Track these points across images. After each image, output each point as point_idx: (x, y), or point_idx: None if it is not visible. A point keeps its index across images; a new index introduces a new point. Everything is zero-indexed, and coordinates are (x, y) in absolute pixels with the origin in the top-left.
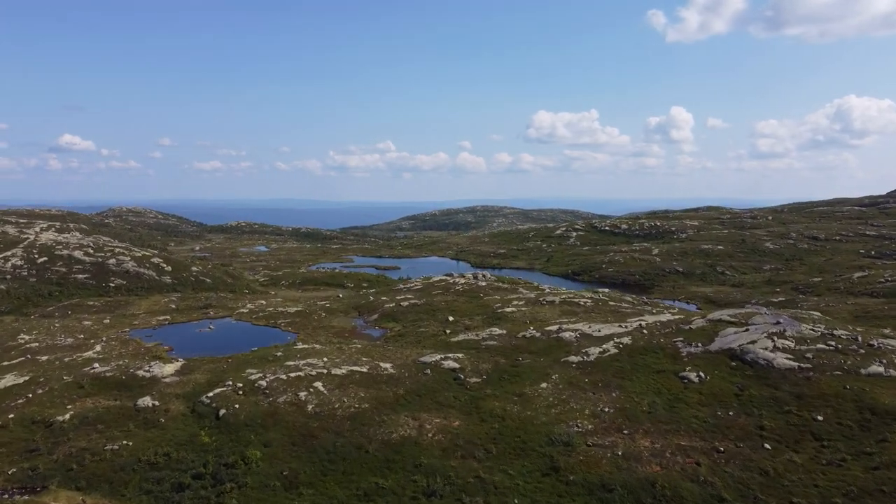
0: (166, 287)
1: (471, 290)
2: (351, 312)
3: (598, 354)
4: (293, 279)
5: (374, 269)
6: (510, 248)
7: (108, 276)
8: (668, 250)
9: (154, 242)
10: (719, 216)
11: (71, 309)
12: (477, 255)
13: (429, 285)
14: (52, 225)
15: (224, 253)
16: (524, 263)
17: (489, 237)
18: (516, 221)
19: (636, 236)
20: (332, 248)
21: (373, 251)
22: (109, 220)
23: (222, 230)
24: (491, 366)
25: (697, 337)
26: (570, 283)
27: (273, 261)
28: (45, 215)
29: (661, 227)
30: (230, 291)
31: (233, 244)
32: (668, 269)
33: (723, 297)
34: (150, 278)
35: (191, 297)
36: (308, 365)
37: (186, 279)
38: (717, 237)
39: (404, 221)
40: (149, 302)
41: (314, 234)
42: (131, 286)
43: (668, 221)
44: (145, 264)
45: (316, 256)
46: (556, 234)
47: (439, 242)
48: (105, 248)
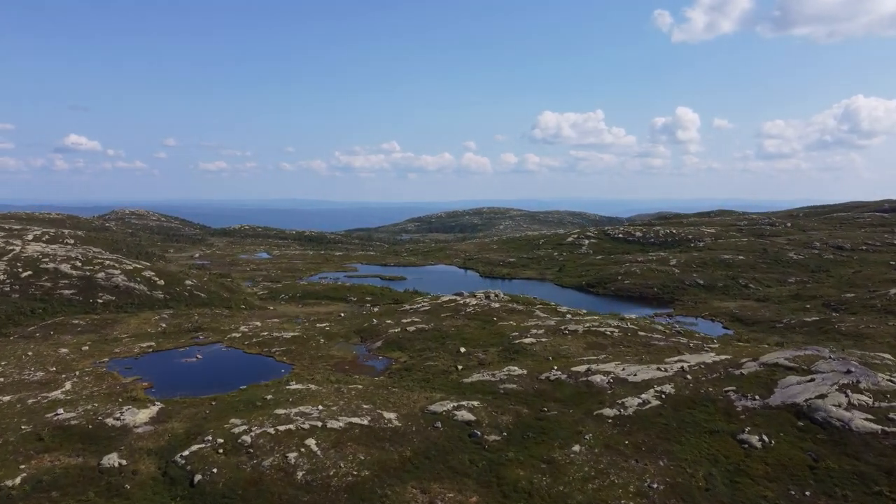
0: (158, 303)
1: (483, 313)
2: (352, 338)
3: (638, 407)
4: (293, 292)
5: (379, 280)
6: (520, 256)
7: (96, 291)
8: (686, 260)
9: (153, 248)
10: (736, 222)
11: (53, 328)
12: (485, 264)
13: (437, 306)
14: (45, 232)
15: (224, 260)
16: (535, 273)
17: (497, 244)
18: (523, 224)
19: (651, 244)
20: (335, 256)
21: (377, 258)
22: (110, 223)
23: (225, 233)
24: (512, 418)
25: (752, 386)
26: (585, 297)
27: (274, 269)
28: (43, 219)
29: (676, 234)
30: (226, 307)
31: (234, 250)
32: (687, 281)
33: (750, 315)
34: (141, 293)
35: (183, 315)
36: (300, 415)
37: (180, 294)
38: (737, 246)
39: (410, 223)
40: (138, 320)
41: (318, 238)
42: (120, 302)
43: (683, 228)
44: (136, 278)
45: (318, 264)
46: (567, 242)
47: (446, 249)
48: (94, 261)
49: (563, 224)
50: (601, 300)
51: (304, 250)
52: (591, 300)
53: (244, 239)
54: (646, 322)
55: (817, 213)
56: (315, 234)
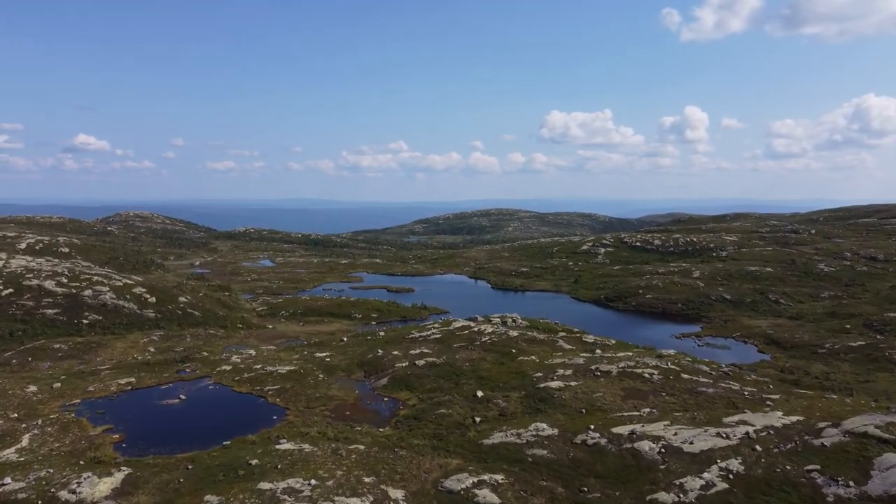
0: (148, 323)
1: (500, 344)
2: (355, 371)
3: (700, 491)
4: (294, 308)
5: (385, 292)
6: (533, 265)
7: (81, 310)
8: (710, 272)
9: (153, 255)
10: (757, 229)
11: (32, 353)
12: (497, 274)
13: (449, 334)
14: (40, 240)
15: (225, 269)
16: (550, 285)
17: (509, 251)
18: (532, 226)
19: (671, 253)
20: (340, 265)
21: (384, 267)
22: (113, 227)
23: (230, 237)
24: (544, 501)
25: (841, 466)
26: (604, 312)
27: (276, 279)
28: (43, 223)
29: (697, 243)
30: (221, 326)
31: (236, 256)
32: (713, 296)
33: (786, 337)
34: (131, 312)
35: (174, 336)
36: (289, 492)
37: (172, 312)
38: (762, 256)
39: (417, 225)
40: (125, 343)
41: (324, 242)
42: (108, 322)
43: (702, 235)
44: (126, 296)
45: (322, 274)
46: (582, 250)
47: (455, 256)
48: (81, 277)
49: (572, 226)
50: (622, 316)
51: (308, 257)
52: (611, 316)
53: (249, 242)
54: (688, 361)
55: (839, 218)
56: (321, 237)
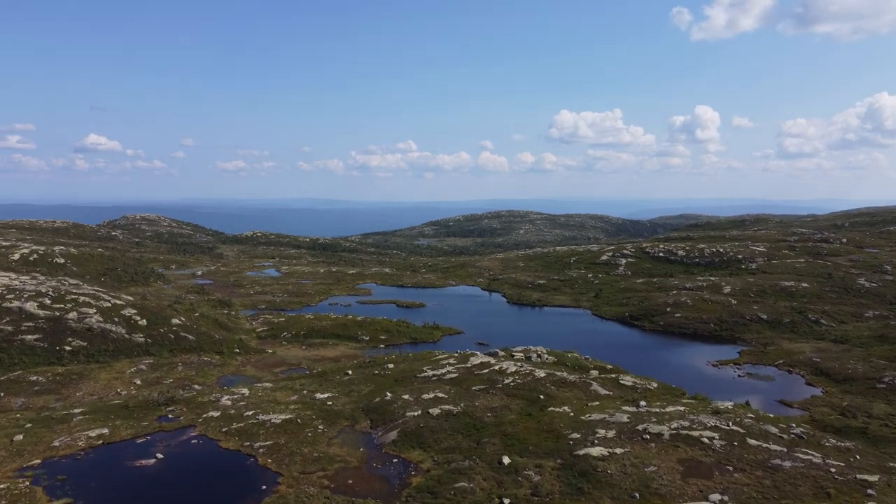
0: (137, 349)
1: (526, 388)
2: (360, 420)
3: None
4: (297, 329)
5: (395, 307)
6: (550, 277)
7: (64, 336)
8: (742, 288)
9: (154, 264)
10: (785, 237)
11: (5, 388)
12: (513, 286)
13: (466, 373)
14: (34, 251)
15: (228, 280)
16: (569, 299)
17: (524, 260)
18: (544, 228)
19: (696, 265)
20: (347, 275)
21: (393, 277)
22: (117, 231)
23: (237, 241)
24: None
25: None
26: (630, 332)
27: (280, 293)
28: (45, 229)
29: (724, 253)
30: (217, 352)
31: (241, 266)
32: (748, 315)
33: (835, 367)
34: (118, 338)
35: (164, 364)
36: None
37: (164, 337)
38: (795, 269)
39: (427, 227)
40: (109, 374)
41: (332, 247)
42: (93, 349)
43: (728, 244)
44: (114, 318)
45: (329, 286)
46: (601, 261)
47: (467, 266)
48: (66, 298)
49: (584, 228)
50: (650, 338)
51: (315, 265)
52: (638, 338)
53: (256, 247)
54: (751, 420)
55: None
56: (329, 241)
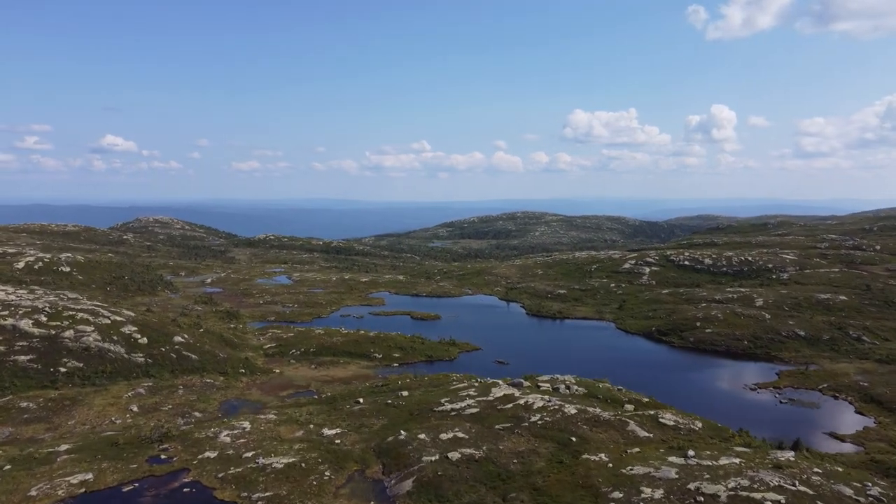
0: (137, 369)
1: (555, 428)
2: (371, 464)
3: None
4: (307, 346)
5: (409, 319)
6: (570, 286)
7: (59, 356)
8: (775, 300)
9: (164, 270)
10: (815, 245)
11: None
12: (531, 296)
13: (488, 407)
14: (40, 258)
15: (237, 288)
16: (591, 311)
17: (542, 267)
18: (560, 230)
19: (723, 273)
20: (360, 283)
21: (408, 285)
22: (129, 235)
23: (249, 244)
24: None
25: None
26: (658, 349)
27: (291, 302)
28: (56, 233)
29: (753, 262)
30: (220, 372)
31: (252, 272)
32: (784, 331)
33: (887, 393)
34: (117, 357)
35: (165, 387)
36: None
37: (165, 356)
38: (830, 280)
39: (441, 229)
40: (104, 399)
41: (345, 250)
42: (89, 371)
43: (755, 251)
44: (112, 337)
45: (341, 295)
46: (623, 269)
47: (484, 273)
48: (63, 314)
49: (601, 230)
50: (680, 356)
51: (327, 271)
52: (667, 356)
53: (268, 251)
54: (819, 478)
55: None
56: (342, 244)
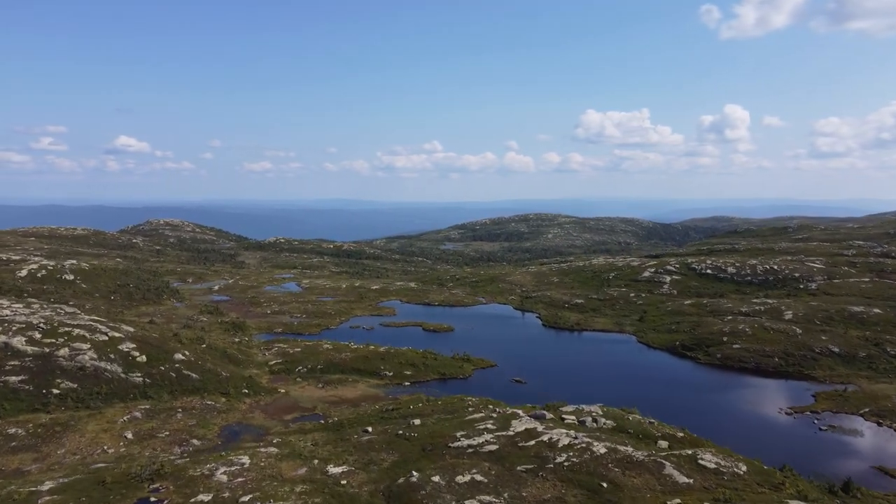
0: (134, 390)
1: (584, 471)
2: None
3: None
4: (314, 362)
5: (421, 331)
6: (587, 294)
7: (53, 377)
8: (805, 313)
9: (170, 276)
10: (842, 252)
11: None
12: (548, 305)
13: (508, 444)
14: (43, 266)
15: (245, 296)
16: (611, 322)
17: (558, 275)
18: (573, 232)
19: (748, 283)
20: (371, 291)
21: (419, 293)
22: (138, 238)
23: (260, 247)
24: None
25: None
26: (682, 365)
27: (299, 312)
28: (64, 237)
29: (779, 271)
30: (222, 393)
31: (260, 278)
32: (817, 347)
33: None
34: (114, 377)
35: (163, 410)
36: None
37: (164, 375)
38: (861, 290)
39: (453, 231)
40: (98, 425)
41: (356, 254)
42: (83, 392)
43: (780, 258)
44: (109, 355)
45: (351, 303)
46: (643, 278)
47: (498, 280)
48: (59, 330)
49: (615, 232)
50: (707, 373)
51: (337, 278)
52: (693, 373)
53: (279, 254)
54: None
55: None
56: (353, 247)
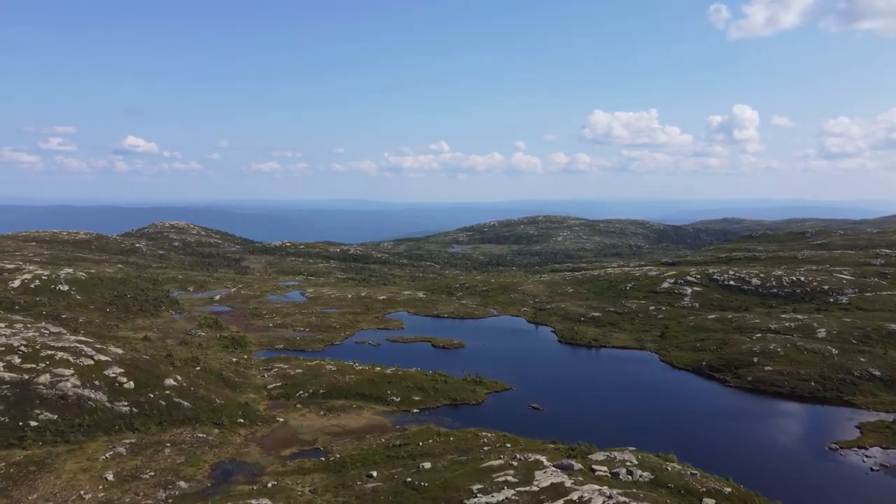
0: (119, 421)
1: None
2: None
3: None
4: (316, 386)
5: (430, 347)
6: (604, 307)
7: (31, 406)
8: (839, 331)
9: (172, 285)
10: (870, 261)
11: None
12: (562, 318)
13: (531, 501)
14: (37, 276)
15: (247, 307)
16: (630, 338)
17: (572, 284)
18: (583, 235)
19: (774, 295)
20: (377, 302)
21: (428, 304)
22: (142, 242)
23: (265, 251)
24: None
25: None
26: (710, 388)
27: (302, 325)
28: (66, 241)
29: (806, 282)
30: (215, 423)
31: (263, 287)
32: (855, 370)
33: None
34: (98, 406)
35: (149, 447)
36: None
37: (153, 404)
38: None
39: (461, 233)
40: (77, 462)
41: (363, 258)
42: (64, 425)
43: (803, 267)
44: (94, 381)
45: (356, 315)
46: (662, 289)
47: (510, 290)
48: (41, 354)
49: (625, 234)
50: (738, 398)
51: (343, 286)
52: (722, 397)
53: (284, 258)
54: None
55: None
56: (359, 251)
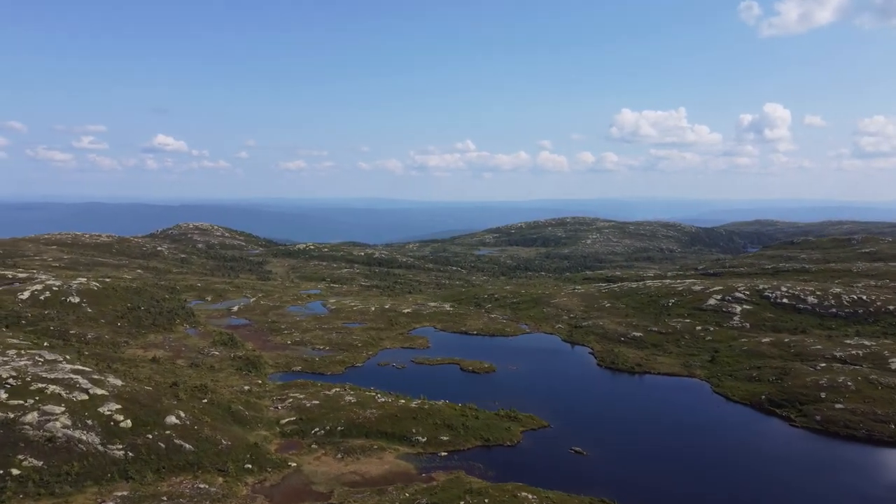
0: (113, 468)
1: None
2: None
3: None
4: (334, 422)
5: (459, 370)
6: (646, 326)
7: (15, 451)
8: None
9: (190, 293)
10: None
11: None
12: (601, 338)
13: None
14: (48, 286)
15: (265, 320)
16: (677, 363)
17: (609, 298)
18: (612, 238)
19: (833, 316)
20: (402, 316)
21: (455, 319)
22: (164, 245)
23: (288, 254)
24: None
25: None
26: (773, 427)
27: (321, 343)
28: (87, 244)
29: (869, 302)
30: (220, 470)
31: (284, 296)
32: None
33: None
34: (89, 450)
35: (144, 499)
36: None
37: (151, 447)
38: None
39: (487, 235)
40: None
41: (388, 262)
42: (49, 474)
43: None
44: (87, 420)
45: (380, 332)
46: (709, 306)
47: (542, 304)
48: (31, 387)
49: (656, 238)
50: (807, 441)
51: (366, 296)
52: (789, 439)
53: (308, 262)
54: None
55: None
56: (384, 255)
